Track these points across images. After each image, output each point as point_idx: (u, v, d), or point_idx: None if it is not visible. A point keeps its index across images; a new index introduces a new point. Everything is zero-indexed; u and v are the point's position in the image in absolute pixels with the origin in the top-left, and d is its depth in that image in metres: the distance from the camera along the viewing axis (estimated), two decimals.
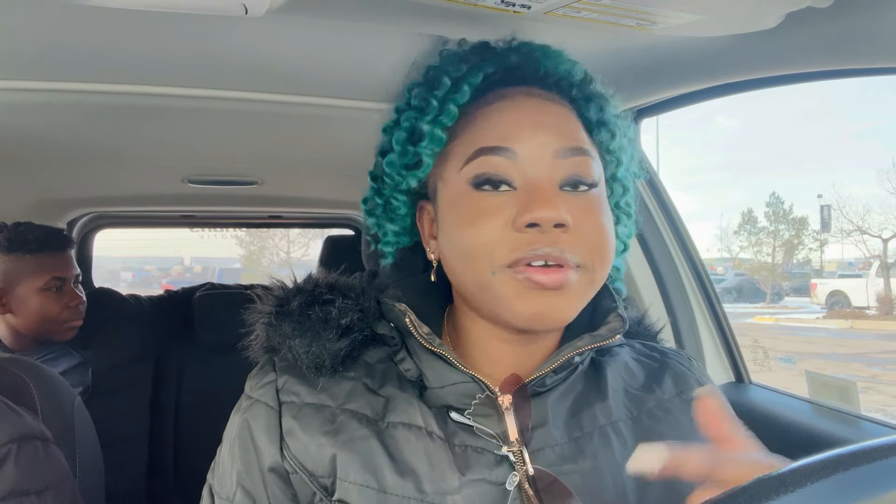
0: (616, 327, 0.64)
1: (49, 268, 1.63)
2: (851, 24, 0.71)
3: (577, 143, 0.60)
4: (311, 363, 0.62)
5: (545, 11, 0.68)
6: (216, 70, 1.04)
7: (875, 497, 0.33)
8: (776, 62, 0.86)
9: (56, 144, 1.49)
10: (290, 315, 0.63)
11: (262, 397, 0.62)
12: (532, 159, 0.58)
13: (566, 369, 0.63)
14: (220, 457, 0.64)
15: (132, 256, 19.68)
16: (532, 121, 0.59)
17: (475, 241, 0.57)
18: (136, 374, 2.02)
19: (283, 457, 0.60)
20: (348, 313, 0.63)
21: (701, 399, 0.48)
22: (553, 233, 0.55)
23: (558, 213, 0.55)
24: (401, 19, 0.78)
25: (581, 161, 0.59)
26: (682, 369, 0.71)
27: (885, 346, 9.54)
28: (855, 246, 15.41)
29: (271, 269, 19.69)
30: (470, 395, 0.61)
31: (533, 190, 0.57)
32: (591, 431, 0.62)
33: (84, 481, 1.03)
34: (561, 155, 0.58)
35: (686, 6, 0.68)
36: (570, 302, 0.57)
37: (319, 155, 1.73)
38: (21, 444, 0.83)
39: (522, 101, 0.62)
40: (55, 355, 1.75)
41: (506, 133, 0.59)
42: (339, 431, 0.59)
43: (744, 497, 0.34)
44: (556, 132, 0.59)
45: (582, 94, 0.66)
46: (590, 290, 0.60)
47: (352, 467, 0.58)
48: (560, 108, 0.62)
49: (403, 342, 0.65)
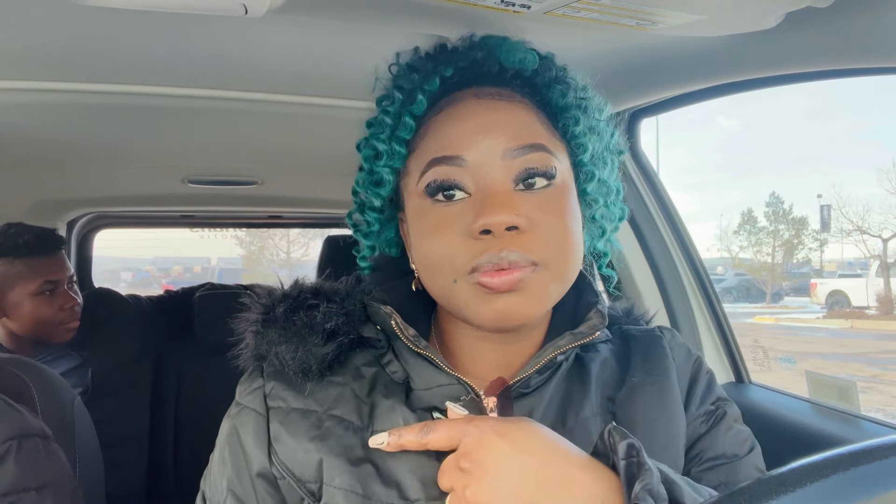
0: (596, 324, 0.64)
1: (40, 272, 1.61)
2: (851, 23, 0.71)
3: (527, 139, 0.59)
4: (298, 368, 0.62)
5: (545, 11, 0.68)
6: (216, 70, 1.04)
7: (875, 497, 0.33)
8: (776, 62, 0.86)
9: (56, 144, 1.49)
10: (275, 322, 0.63)
11: (250, 403, 0.63)
12: (481, 164, 0.58)
13: (550, 369, 0.63)
14: (211, 463, 0.65)
15: (132, 257, 19.68)
16: (478, 125, 0.59)
17: (436, 251, 0.58)
18: (136, 374, 2.02)
19: (272, 462, 0.60)
20: (332, 317, 0.63)
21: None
22: (505, 237, 0.55)
23: (508, 216, 0.55)
24: (401, 19, 0.78)
25: (534, 157, 0.58)
26: (652, 344, 0.71)
27: (885, 346, 9.54)
28: (855, 246, 15.42)
29: (271, 269, 19.69)
30: (455, 397, 0.61)
31: (485, 196, 0.57)
32: (574, 426, 0.62)
33: (84, 481, 1.03)
34: (510, 155, 0.58)
35: (686, 6, 0.68)
36: (530, 300, 0.57)
37: (319, 155, 1.73)
38: (21, 441, 0.83)
39: (470, 106, 0.61)
40: (55, 356, 1.74)
41: (453, 142, 0.59)
42: (325, 437, 0.60)
43: (744, 497, 0.34)
44: (503, 133, 0.58)
45: (540, 83, 0.65)
46: (554, 287, 0.59)
47: (337, 472, 0.58)
48: (510, 105, 0.61)
49: (390, 345, 0.65)
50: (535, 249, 0.56)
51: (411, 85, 0.63)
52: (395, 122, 0.63)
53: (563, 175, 0.60)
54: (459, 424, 0.54)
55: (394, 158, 0.63)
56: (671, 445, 0.64)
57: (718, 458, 0.65)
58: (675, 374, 0.68)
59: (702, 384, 0.69)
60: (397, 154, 0.63)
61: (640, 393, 0.66)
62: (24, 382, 1.01)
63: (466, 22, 0.73)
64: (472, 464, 0.51)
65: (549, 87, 0.64)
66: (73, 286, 1.73)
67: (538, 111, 0.63)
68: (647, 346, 0.70)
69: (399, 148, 0.62)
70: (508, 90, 0.63)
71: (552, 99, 0.64)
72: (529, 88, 0.65)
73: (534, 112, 0.62)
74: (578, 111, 0.63)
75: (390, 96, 0.64)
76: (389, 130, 0.63)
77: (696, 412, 0.68)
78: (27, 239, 1.61)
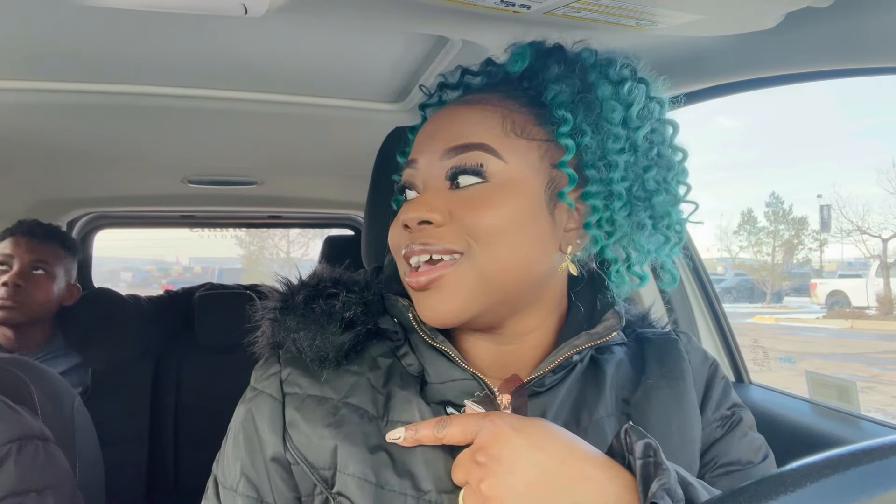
0: (612, 324, 0.64)
1: (10, 246, 1.66)
2: (851, 23, 0.71)
3: (462, 140, 0.60)
4: (315, 356, 0.62)
5: (545, 11, 0.68)
6: (216, 70, 1.04)
7: (875, 497, 0.33)
8: (776, 62, 0.86)
9: (56, 144, 1.49)
10: (294, 309, 0.64)
11: (266, 388, 0.63)
12: (425, 166, 0.63)
13: (565, 369, 0.63)
14: (224, 447, 0.65)
15: (132, 257, 19.67)
16: (430, 131, 0.64)
17: (391, 244, 0.64)
18: (135, 374, 2.02)
19: (286, 448, 0.60)
20: (352, 307, 0.64)
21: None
22: (417, 230, 0.59)
23: (417, 212, 0.59)
24: (401, 19, 0.78)
25: (464, 157, 0.60)
26: (668, 346, 0.70)
27: (885, 346, 9.53)
28: (855, 246, 15.41)
29: (272, 268, 19.69)
30: (469, 393, 0.61)
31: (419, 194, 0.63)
32: (588, 426, 0.62)
33: (84, 481, 1.03)
34: (446, 155, 0.61)
35: (686, 6, 0.68)
36: (447, 296, 0.58)
37: (319, 155, 1.73)
38: (21, 443, 0.83)
39: (438, 115, 0.66)
40: (55, 355, 1.75)
41: (413, 148, 0.66)
42: (340, 424, 0.60)
43: (744, 497, 0.34)
44: (445, 135, 0.61)
45: (529, 86, 0.65)
46: (477, 281, 0.58)
47: (351, 460, 0.58)
48: (465, 110, 0.63)
49: (406, 337, 0.66)
50: (448, 238, 0.58)
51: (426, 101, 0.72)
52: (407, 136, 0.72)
53: (506, 173, 0.59)
54: (475, 419, 0.55)
55: (399, 168, 0.68)
56: (686, 448, 0.64)
57: (733, 463, 0.65)
58: (692, 377, 0.68)
59: (718, 389, 0.70)
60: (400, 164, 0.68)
61: (655, 395, 0.66)
62: (24, 382, 1.01)
63: (466, 22, 0.73)
64: (488, 458, 0.52)
65: (546, 87, 0.63)
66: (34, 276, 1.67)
67: (516, 112, 0.62)
68: (663, 349, 0.70)
69: (401, 159, 0.69)
70: (491, 94, 0.64)
71: (546, 99, 0.63)
72: (521, 90, 0.65)
73: (499, 114, 0.61)
74: (569, 110, 0.61)
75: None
76: (404, 143, 0.72)
77: (712, 416, 0.68)
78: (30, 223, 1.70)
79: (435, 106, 0.72)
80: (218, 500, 0.62)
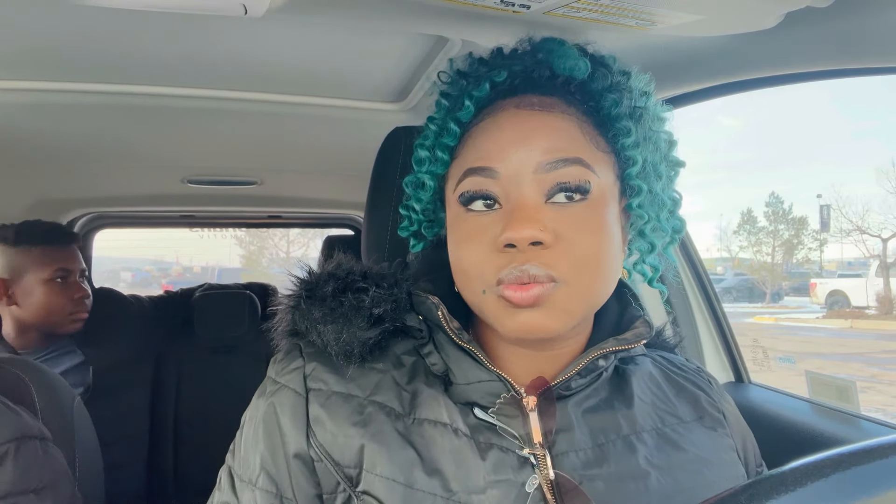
0: (642, 333, 0.63)
1: (54, 259, 1.66)
2: (851, 23, 0.71)
3: (561, 153, 0.57)
4: (341, 350, 0.61)
5: (545, 11, 0.68)
6: (216, 70, 1.04)
7: (875, 497, 0.33)
8: (776, 62, 0.86)
9: (56, 144, 1.49)
10: (321, 300, 0.63)
11: (289, 383, 0.62)
12: (512, 177, 0.57)
13: (591, 373, 0.62)
14: (241, 439, 0.63)
15: (132, 257, 19.66)
16: (513, 137, 0.58)
17: (466, 261, 0.59)
18: (136, 374, 2.02)
19: (309, 444, 0.59)
20: (381, 303, 0.63)
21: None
22: (528, 252, 0.55)
23: (532, 231, 0.54)
24: (401, 19, 0.78)
25: (567, 172, 0.57)
26: (700, 393, 0.71)
27: (885, 346, 9.53)
28: (854, 246, 15.41)
29: (271, 268, 19.68)
30: (495, 394, 0.60)
31: (513, 209, 0.56)
32: (616, 439, 0.62)
33: (84, 481, 1.03)
34: (543, 169, 0.57)
35: (686, 6, 0.67)
36: (552, 315, 0.56)
37: (319, 155, 1.74)
38: (20, 443, 0.83)
39: (509, 116, 0.60)
40: (58, 353, 1.75)
41: (488, 153, 0.59)
42: (367, 423, 0.59)
43: (744, 496, 0.34)
44: (537, 146, 0.57)
45: (593, 91, 0.62)
46: (578, 303, 0.57)
47: (380, 460, 0.57)
48: (549, 116, 0.59)
49: (431, 336, 0.65)
50: (556, 266, 0.55)
51: (459, 91, 0.64)
52: (440, 128, 0.64)
53: (601, 189, 0.58)
54: None
55: (436, 164, 0.64)
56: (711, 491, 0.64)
57: None
58: (730, 426, 0.69)
59: (752, 442, 0.71)
60: (440, 160, 0.63)
61: (692, 432, 0.66)
62: (23, 382, 1.01)
63: (466, 22, 0.73)
64: None
65: (602, 95, 0.62)
66: (85, 280, 1.76)
67: (584, 121, 0.61)
68: (697, 385, 0.71)
69: (442, 154, 0.63)
70: (554, 99, 0.61)
71: (604, 108, 0.62)
72: (581, 96, 0.63)
73: (576, 123, 0.60)
74: (631, 121, 0.61)
75: (437, 103, 0.66)
76: (434, 137, 0.64)
77: (753, 470, 0.69)
78: (44, 229, 1.68)
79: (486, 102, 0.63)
80: (234, 493, 0.61)
